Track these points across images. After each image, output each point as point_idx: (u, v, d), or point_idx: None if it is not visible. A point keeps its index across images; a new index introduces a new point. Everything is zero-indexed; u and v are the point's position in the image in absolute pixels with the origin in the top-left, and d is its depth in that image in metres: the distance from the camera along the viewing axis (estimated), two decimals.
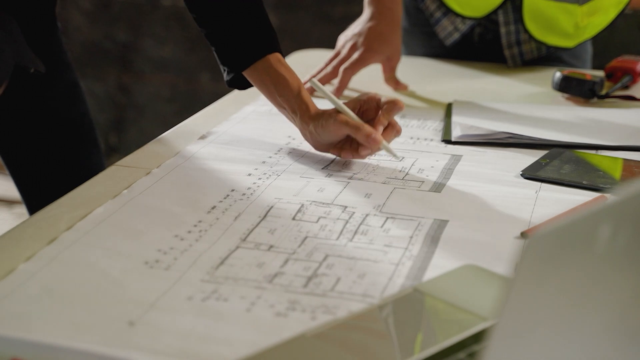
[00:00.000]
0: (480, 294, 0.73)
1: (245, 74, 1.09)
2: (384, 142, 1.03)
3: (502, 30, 1.55)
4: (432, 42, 1.63)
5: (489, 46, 1.60)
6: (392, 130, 1.06)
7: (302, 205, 0.93)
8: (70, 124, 1.27)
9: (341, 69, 1.37)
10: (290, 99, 1.06)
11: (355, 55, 1.39)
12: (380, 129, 1.03)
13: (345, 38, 1.43)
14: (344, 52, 1.40)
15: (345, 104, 1.06)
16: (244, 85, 1.12)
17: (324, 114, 1.04)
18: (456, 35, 1.58)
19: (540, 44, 1.55)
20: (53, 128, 1.26)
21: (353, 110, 1.06)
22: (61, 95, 1.25)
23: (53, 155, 1.27)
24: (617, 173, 1.05)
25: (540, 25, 1.51)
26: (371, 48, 1.39)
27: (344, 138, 1.05)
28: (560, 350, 0.51)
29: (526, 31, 1.51)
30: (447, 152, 1.12)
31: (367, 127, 1.02)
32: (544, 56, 1.59)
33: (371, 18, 1.42)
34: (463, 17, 1.54)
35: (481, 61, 1.61)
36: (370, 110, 1.06)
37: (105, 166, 1.24)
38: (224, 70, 1.11)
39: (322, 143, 1.07)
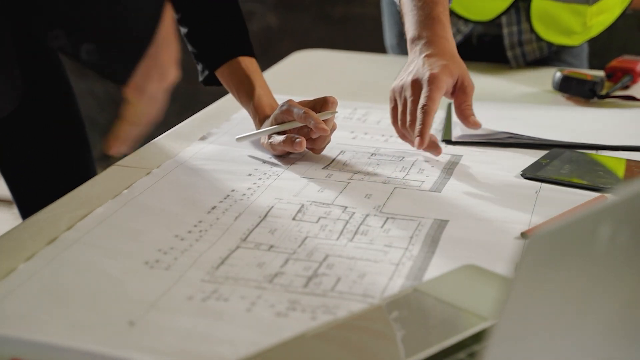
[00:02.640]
0: (480, 294, 0.73)
1: (217, 73, 1.16)
2: (311, 118, 1.04)
3: (505, 31, 1.54)
4: None
5: (487, 48, 1.60)
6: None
7: (302, 206, 0.93)
8: (59, 122, 1.27)
9: (418, 110, 1.05)
10: (246, 107, 1.15)
11: (425, 89, 1.07)
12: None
13: (398, 85, 1.11)
14: (406, 94, 1.09)
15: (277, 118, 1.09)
16: (219, 82, 1.18)
17: (264, 144, 1.10)
18: (459, 38, 1.58)
19: (544, 43, 1.55)
20: (43, 126, 1.26)
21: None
22: (51, 93, 1.25)
23: (42, 153, 1.27)
24: (620, 173, 1.05)
25: (547, 26, 1.51)
26: (440, 70, 1.08)
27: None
28: (560, 350, 0.51)
29: (533, 32, 1.51)
30: (447, 152, 1.12)
31: (291, 136, 1.05)
32: (545, 56, 1.59)
33: (421, 52, 1.12)
34: (466, 20, 1.54)
35: (477, 62, 1.61)
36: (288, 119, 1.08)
37: (104, 166, 1.24)
38: (199, 68, 1.18)
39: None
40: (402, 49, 1.68)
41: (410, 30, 1.16)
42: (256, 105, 1.13)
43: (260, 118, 1.12)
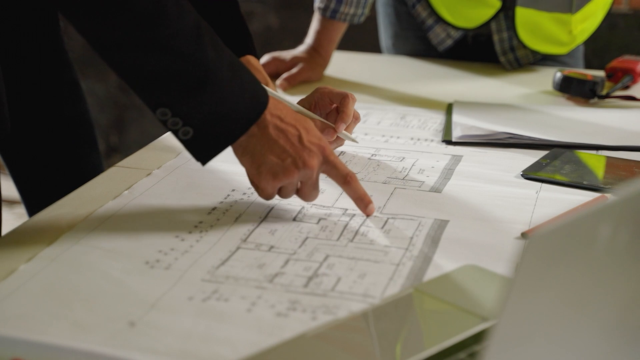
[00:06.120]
0: (480, 294, 0.73)
1: None
2: (343, 132, 1.07)
3: (495, 37, 1.55)
4: (425, 46, 1.64)
5: (483, 48, 1.60)
6: (354, 121, 1.10)
7: (303, 208, 0.93)
8: (69, 123, 1.28)
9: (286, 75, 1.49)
10: None
11: (295, 69, 1.50)
12: (342, 125, 1.07)
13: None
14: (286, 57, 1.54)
15: (301, 101, 1.09)
16: None
17: None
18: (449, 42, 1.59)
19: (534, 51, 1.55)
20: (53, 127, 1.26)
21: (309, 105, 1.09)
22: (61, 95, 1.26)
23: (52, 154, 1.27)
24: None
25: (533, 35, 1.51)
26: (308, 66, 1.51)
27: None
28: (560, 349, 0.51)
29: (519, 41, 1.52)
30: (448, 153, 1.12)
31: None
32: (538, 59, 1.60)
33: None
34: (455, 26, 1.55)
35: (476, 62, 1.61)
36: (324, 101, 1.09)
37: (105, 166, 1.24)
38: None
39: None
40: (397, 50, 1.69)
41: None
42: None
43: None
